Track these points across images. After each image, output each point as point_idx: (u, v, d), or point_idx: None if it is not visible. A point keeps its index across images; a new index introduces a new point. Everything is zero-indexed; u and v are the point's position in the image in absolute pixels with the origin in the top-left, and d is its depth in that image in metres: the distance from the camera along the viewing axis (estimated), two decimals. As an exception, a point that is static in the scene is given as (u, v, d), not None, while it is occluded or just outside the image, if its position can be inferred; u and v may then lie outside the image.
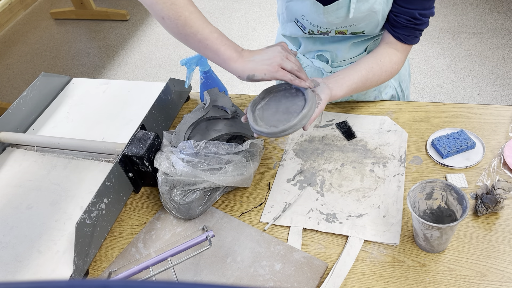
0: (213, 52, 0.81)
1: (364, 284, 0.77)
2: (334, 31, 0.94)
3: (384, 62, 0.91)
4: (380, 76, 0.92)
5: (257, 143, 0.95)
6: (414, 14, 0.87)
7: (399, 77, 1.11)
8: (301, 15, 0.93)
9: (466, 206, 0.72)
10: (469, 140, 0.93)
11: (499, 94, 2.22)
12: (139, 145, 0.92)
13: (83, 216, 0.82)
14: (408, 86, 1.17)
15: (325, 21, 0.90)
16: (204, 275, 0.81)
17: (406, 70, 1.14)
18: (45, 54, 3.11)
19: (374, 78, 0.91)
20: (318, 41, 1.01)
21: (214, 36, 0.80)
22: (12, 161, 1.07)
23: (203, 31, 0.80)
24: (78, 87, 1.25)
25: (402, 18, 0.88)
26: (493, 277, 0.74)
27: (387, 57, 0.92)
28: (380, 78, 0.92)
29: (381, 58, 0.92)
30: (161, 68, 2.80)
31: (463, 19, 2.69)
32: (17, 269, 0.84)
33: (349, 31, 0.94)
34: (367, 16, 0.89)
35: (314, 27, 0.94)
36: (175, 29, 0.81)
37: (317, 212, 0.87)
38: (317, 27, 0.93)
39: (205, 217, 0.91)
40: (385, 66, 0.92)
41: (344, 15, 0.88)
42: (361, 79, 0.89)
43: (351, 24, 0.91)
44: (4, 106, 2.61)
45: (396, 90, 1.12)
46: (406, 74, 1.14)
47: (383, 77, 0.93)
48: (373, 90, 1.07)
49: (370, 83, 0.91)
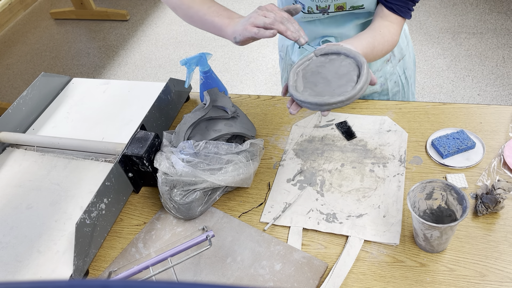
0: (211, 25, 0.86)
1: (364, 284, 0.77)
2: (333, 6, 0.94)
3: (384, 32, 0.93)
4: (384, 45, 0.93)
5: (257, 143, 0.95)
6: None
7: (404, 63, 1.12)
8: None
9: (466, 206, 0.72)
10: (469, 140, 0.93)
11: (499, 94, 2.22)
12: (139, 145, 0.92)
13: (83, 216, 0.82)
14: (412, 76, 1.17)
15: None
16: (204, 275, 0.81)
17: (410, 58, 1.14)
18: (45, 54, 3.11)
19: (379, 46, 0.92)
20: (320, 24, 1.02)
21: (211, 10, 0.87)
22: (12, 161, 1.07)
23: (202, 8, 0.89)
24: (78, 87, 1.25)
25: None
26: (493, 277, 0.74)
27: (385, 28, 0.94)
28: (384, 47, 0.93)
29: (380, 29, 0.93)
30: (161, 68, 2.80)
31: (463, 19, 2.69)
32: (17, 269, 0.84)
33: (348, 5, 0.94)
34: None
35: (312, 2, 0.94)
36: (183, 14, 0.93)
37: (317, 212, 0.87)
38: (316, 1, 0.94)
39: (205, 217, 0.91)
40: (386, 36, 0.93)
41: None
42: (369, 46, 0.90)
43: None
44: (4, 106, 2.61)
45: (400, 77, 1.12)
46: (411, 61, 1.15)
47: (386, 47, 0.94)
48: (379, 77, 1.08)
49: (377, 52, 0.92)
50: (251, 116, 1.11)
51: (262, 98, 1.16)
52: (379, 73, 1.07)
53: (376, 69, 1.07)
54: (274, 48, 2.77)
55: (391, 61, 1.07)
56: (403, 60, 1.10)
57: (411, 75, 1.16)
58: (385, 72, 1.08)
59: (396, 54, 1.09)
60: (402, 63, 1.11)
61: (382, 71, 1.08)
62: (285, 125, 1.07)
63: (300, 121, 1.07)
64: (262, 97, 1.17)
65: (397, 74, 1.11)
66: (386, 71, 1.08)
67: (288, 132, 1.05)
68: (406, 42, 1.12)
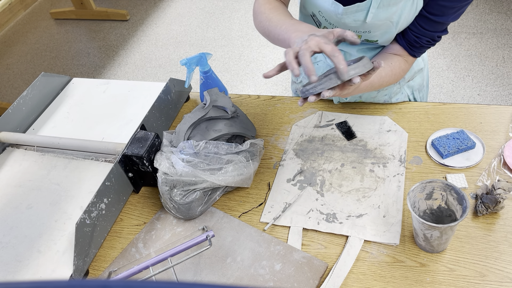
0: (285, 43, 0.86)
1: (364, 284, 0.77)
2: None
3: (395, 66, 0.93)
4: (390, 78, 0.93)
5: (257, 143, 0.95)
6: (434, 36, 0.90)
7: (413, 85, 1.10)
8: (318, 10, 0.93)
9: (466, 206, 0.72)
10: (469, 140, 0.93)
11: (499, 94, 2.22)
12: (139, 145, 0.92)
13: (83, 216, 0.82)
14: (424, 97, 1.16)
15: (342, 22, 0.90)
16: (204, 275, 0.81)
17: (424, 80, 1.12)
18: (45, 54, 3.11)
19: (386, 78, 0.92)
20: None
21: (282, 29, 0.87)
22: (12, 161, 1.07)
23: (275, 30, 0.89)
24: (78, 87, 1.25)
25: (423, 40, 0.90)
26: (493, 277, 0.74)
27: (397, 63, 0.93)
28: (389, 80, 0.93)
29: (392, 61, 0.93)
30: (161, 68, 2.80)
31: (463, 19, 2.69)
32: (17, 269, 0.84)
33: (363, 37, 0.94)
34: (384, 25, 0.89)
35: (329, 25, 0.94)
36: (267, 37, 0.94)
37: (317, 212, 0.87)
38: (332, 25, 0.94)
39: (205, 217, 0.91)
40: (395, 69, 0.93)
41: (362, 19, 0.88)
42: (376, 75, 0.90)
43: (367, 30, 0.91)
44: (4, 106, 2.61)
45: (409, 97, 1.11)
46: (423, 84, 1.13)
47: (391, 80, 0.94)
48: (384, 95, 1.07)
49: (381, 82, 0.92)
50: (251, 116, 1.11)
51: (262, 98, 1.16)
52: (384, 92, 1.07)
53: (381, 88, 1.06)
54: (274, 48, 2.77)
55: (399, 82, 1.07)
56: (412, 81, 1.10)
57: (423, 97, 1.16)
58: (391, 92, 1.07)
59: (405, 76, 1.08)
60: (411, 83, 1.10)
61: (388, 90, 1.07)
62: (285, 125, 1.07)
63: (300, 121, 1.07)
64: (262, 97, 1.17)
65: (405, 93, 1.10)
66: (392, 90, 1.07)
67: (288, 132, 1.05)
68: (423, 65, 1.10)
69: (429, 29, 0.88)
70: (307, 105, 1.11)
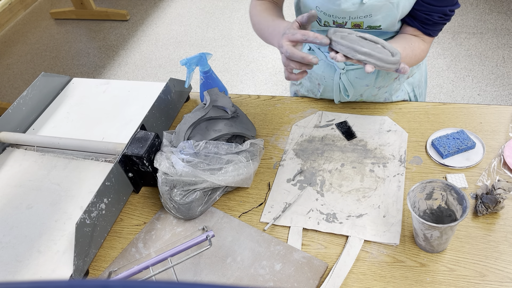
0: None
1: (364, 284, 0.77)
2: (350, 23, 0.93)
3: (415, 46, 0.93)
4: (411, 58, 0.93)
5: (257, 143, 0.95)
6: (445, 11, 0.90)
7: (413, 81, 1.10)
8: (315, 6, 0.93)
9: (466, 206, 0.72)
10: (469, 140, 0.93)
11: (499, 94, 2.22)
12: (139, 145, 0.92)
13: (83, 216, 0.82)
14: (423, 93, 1.16)
15: (340, 8, 0.90)
16: (204, 275, 0.81)
17: (422, 76, 1.13)
18: (45, 54, 3.11)
19: (406, 59, 0.91)
20: None
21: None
22: (12, 161, 1.07)
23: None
24: (78, 87, 1.25)
25: (434, 16, 0.90)
26: (493, 277, 0.74)
27: (417, 43, 0.94)
28: (410, 60, 0.93)
29: (411, 42, 0.93)
30: (161, 68, 2.80)
31: (463, 19, 2.69)
32: (17, 269, 0.84)
33: (365, 24, 0.93)
34: (384, 7, 0.88)
35: (329, 17, 0.94)
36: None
37: (317, 212, 0.87)
38: (333, 17, 0.93)
39: (205, 217, 0.91)
40: (415, 49, 0.93)
41: (359, 0, 0.88)
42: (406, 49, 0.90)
43: (367, 14, 0.90)
44: (4, 106, 2.61)
45: (409, 95, 1.11)
46: (422, 80, 1.13)
47: (413, 61, 0.94)
48: (384, 92, 1.07)
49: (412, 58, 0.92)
50: (251, 116, 1.11)
51: (262, 98, 1.16)
52: (385, 89, 1.07)
53: (382, 85, 1.06)
54: (274, 48, 2.77)
55: (399, 78, 1.07)
56: (412, 77, 1.09)
57: (422, 93, 1.16)
58: (391, 88, 1.07)
59: None
60: (411, 80, 1.10)
61: (388, 87, 1.07)
62: (285, 125, 1.07)
63: (300, 121, 1.07)
64: (262, 97, 1.17)
65: (405, 90, 1.10)
66: (392, 87, 1.07)
67: (288, 132, 1.05)
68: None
69: (437, 5, 0.89)
70: (307, 105, 1.11)
